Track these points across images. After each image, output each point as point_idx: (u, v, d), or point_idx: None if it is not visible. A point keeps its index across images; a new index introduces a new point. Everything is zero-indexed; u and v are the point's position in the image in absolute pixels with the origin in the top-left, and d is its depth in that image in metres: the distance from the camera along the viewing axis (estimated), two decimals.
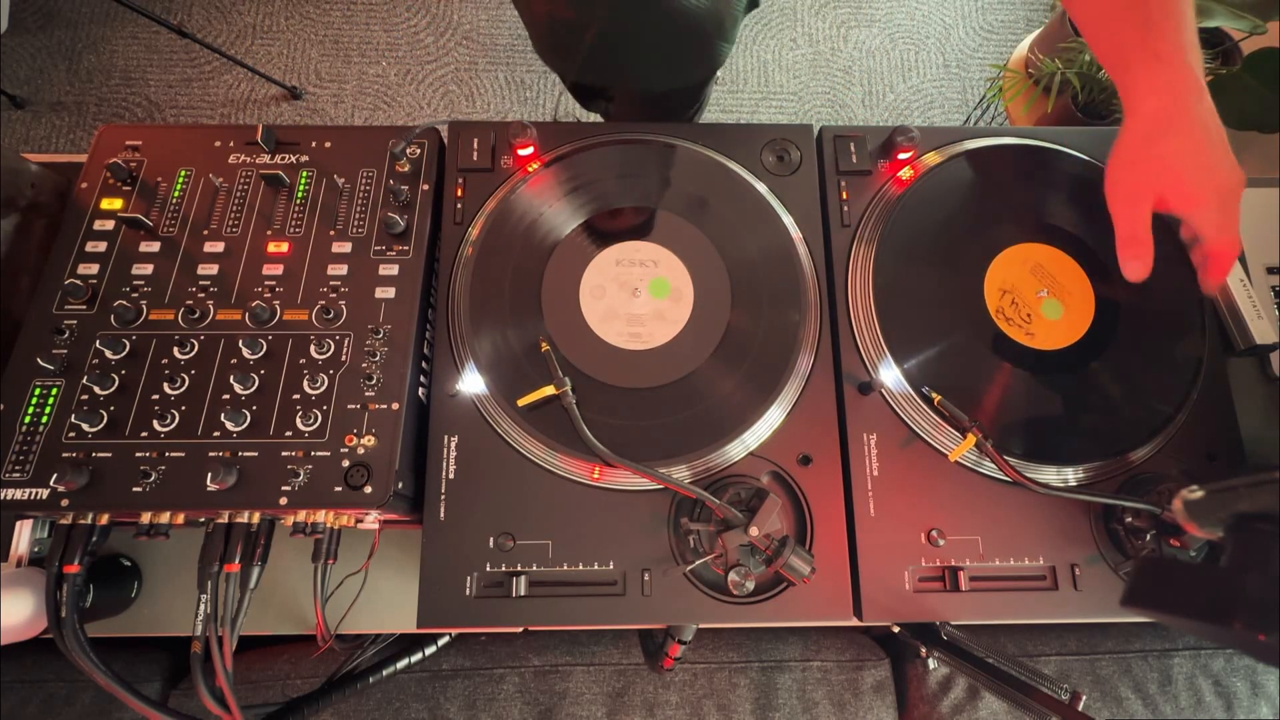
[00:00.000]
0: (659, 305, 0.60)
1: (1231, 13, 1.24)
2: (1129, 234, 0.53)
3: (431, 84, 1.95)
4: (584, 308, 0.60)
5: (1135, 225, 0.52)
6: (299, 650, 0.75)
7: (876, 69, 2.01)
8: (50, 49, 1.93)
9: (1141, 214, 0.52)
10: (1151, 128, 0.50)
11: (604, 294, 0.60)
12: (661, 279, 0.60)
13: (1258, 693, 0.76)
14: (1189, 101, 0.48)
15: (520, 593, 0.52)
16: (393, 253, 0.59)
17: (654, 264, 0.61)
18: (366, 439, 0.53)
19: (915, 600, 0.55)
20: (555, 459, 0.56)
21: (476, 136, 0.65)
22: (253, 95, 1.91)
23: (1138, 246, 0.52)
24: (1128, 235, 0.53)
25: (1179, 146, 0.49)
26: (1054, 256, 0.63)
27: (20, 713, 0.68)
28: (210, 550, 0.51)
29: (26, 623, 0.52)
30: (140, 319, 0.56)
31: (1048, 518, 0.57)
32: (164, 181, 0.61)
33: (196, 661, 0.50)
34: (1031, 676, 0.51)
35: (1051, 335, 0.61)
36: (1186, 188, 0.50)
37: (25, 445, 0.51)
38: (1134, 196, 0.52)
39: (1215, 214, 0.50)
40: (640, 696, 0.74)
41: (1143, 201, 0.52)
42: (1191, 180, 0.49)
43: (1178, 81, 0.48)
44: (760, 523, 0.49)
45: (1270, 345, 0.66)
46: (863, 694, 0.76)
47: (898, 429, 0.58)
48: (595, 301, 0.60)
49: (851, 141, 0.66)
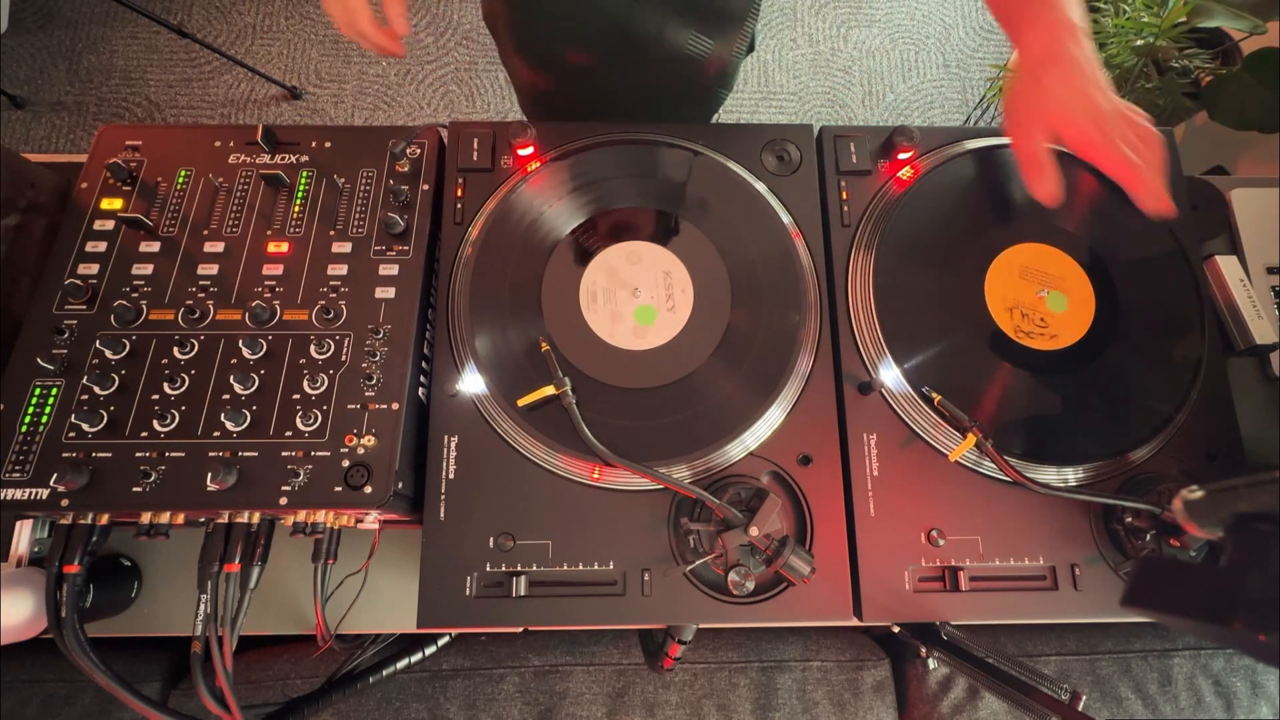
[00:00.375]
0: (659, 305, 0.60)
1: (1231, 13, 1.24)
2: (1028, 157, 0.58)
3: (431, 84, 1.95)
4: (584, 307, 0.60)
5: (1032, 149, 0.58)
6: (299, 650, 0.75)
7: (876, 69, 2.01)
8: (50, 49, 1.93)
9: (1035, 138, 0.57)
10: (1035, 64, 0.57)
11: (604, 294, 0.60)
12: (649, 307, 0.60)
13: (1258, 693, 0.76)
14: (1066, 42, 0.56)
15: (520, 593, 0.52)
16: (393, 253, 0.59)
17: (653, 266, 0.61)
18: (366, 439, 0.53)
19: (915, 600, 0.55)
20: (555, 459, 0.56)
21: (476, 136, 0.65)
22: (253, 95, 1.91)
23: (1039, 167, 0.57)
24: (1027, 158, 0.58)
25: (1058, 78, 0.56)
26: (1054, 256, 0.63)
27: (20, 713, 0.68)
28: (210, 550, 0.51)
29: (26, 623, 0.52)
30: (140, 319, 0.56)
31: (1048, 518, 0.57)
32: (164, 181, 0.61)
33: (196, 661, 0.50)
34: (1031, 676, 0.51)
35: (1069, 326, 0.61)
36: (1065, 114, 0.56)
37: (25, 445, 0.51)
38: (1026, 123, 0.58)
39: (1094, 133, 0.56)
40: (640, 696, 0.74)
41: (1034, 127, 0.57)
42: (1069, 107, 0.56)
43: (1057, 24, 0.56)
44: (760, 523, 0.49)
45: (1270, 345, 0.66)
46: (863, 694, 0.76)
47: (898, 429, 0.58)
48: (595, 301, 0.60)
49: (851, 141, 0.66)
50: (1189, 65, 1.43)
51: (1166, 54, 1.45)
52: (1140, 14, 1.46)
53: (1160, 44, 1.42)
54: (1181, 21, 1.35)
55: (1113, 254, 0.64)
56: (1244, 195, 0.75)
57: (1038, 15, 0.57)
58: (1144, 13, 1.45)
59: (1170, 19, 1.37)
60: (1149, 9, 1.45)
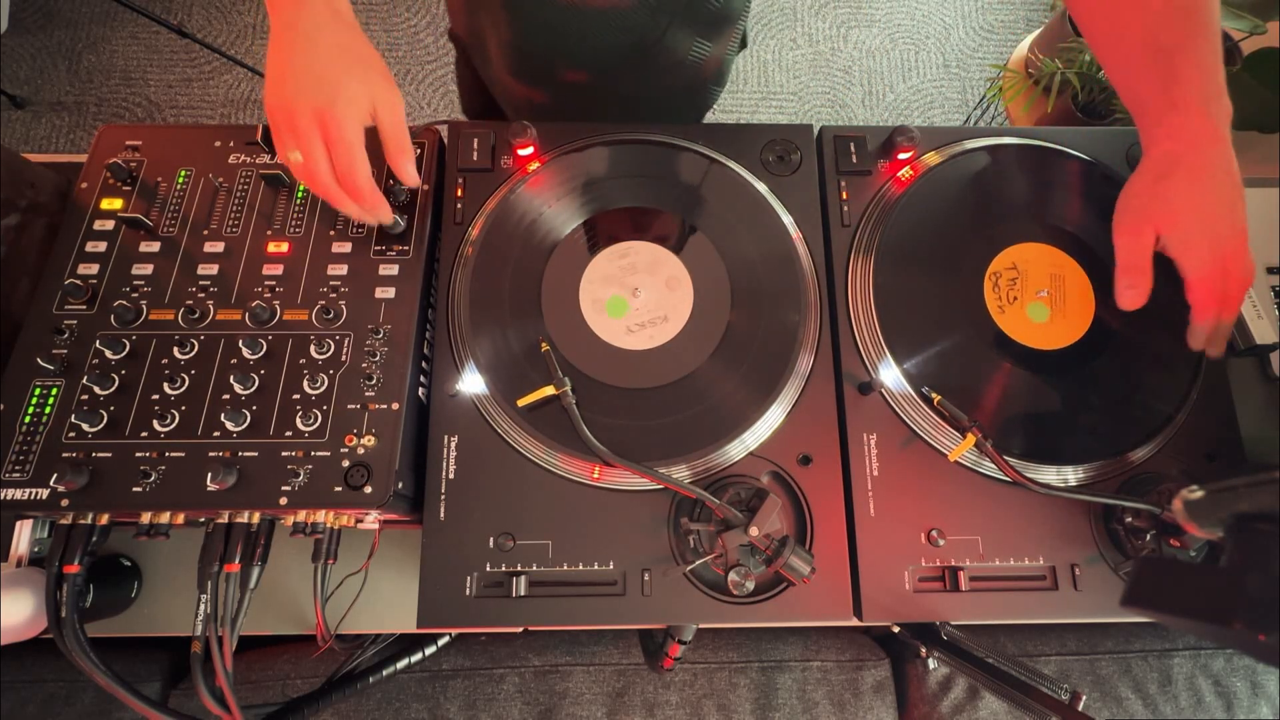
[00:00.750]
0: (659, 305, 0.60)
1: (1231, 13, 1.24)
2: (1128, 263, 0.55)
3: (431, 84, 1.95)
4: (584, 308, 0.60)
5: (1134, 255, 0.54)
6: (299, 650, 0.75)
7: (876, 69, 2.01)
8: (50, 49, 1.93)
9: (1141, 245, 0.54)
10: (1161, 169, 0.53)
11: (604, 294, 0.60)
12: (649, 307, 0.59)
13: (1258, 693, 0.76)
14: (1202, 148, 0.51)
15: (520, 593, 0.52)
16: (393, 253, 0.59)
17: (652, 266, 0.61)
18: (366, 439, 0.53)
19: (915, 600, 0.55)
20: (555, 459, 0.56)
21: (476, 136, 0.65)
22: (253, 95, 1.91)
23: (1135, 275, 0.54)
24: (1126, 264, 0.55)
25: (1182, 188, 0.51)
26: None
27: (20, 713, 0.68)
28: (210, 550, 0.51)
29: (26, 623, 0.52)
30: (140, 319, 0.56)
31: (1048, 518, 0.57)
32: (164, 181, 0.61)
33: (196, 661, 0.50)
34: (1031, 676, 0.51)
35: (1022, 329, 0.60)
36: (1180, 227, 0.52)
37: (25, 445, 0.51)
38: (1135, 228, 0.54)
39: (1203, 255, 0.52)
40: (640, 696, 0.74)
41: (1143, 234, 0.54)
42: (1186, 220, 0.52)
43: (1193, 128, 0.51)
44: (760, 523, 0.49)
45: (1270, 345, 0.66)
46: (863, 694, 0.76)
47: (898, 429, 0.58)
48: (595, 301, 0.60)
49: (851, 141, 0.66)
50: None
51: None
52: None
53: None
54: None
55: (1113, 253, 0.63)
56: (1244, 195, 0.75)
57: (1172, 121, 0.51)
58: None
59: None
60: None
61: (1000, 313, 0.61)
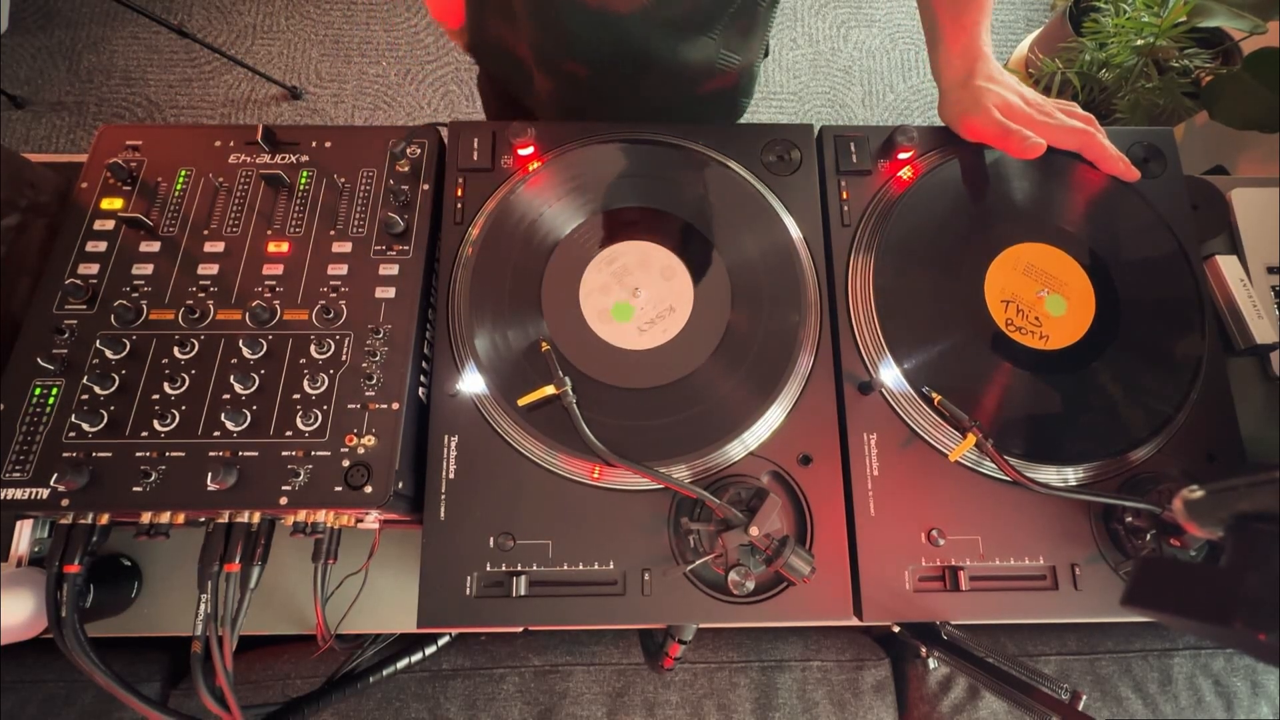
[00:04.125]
0: (662, 297, 0.60)
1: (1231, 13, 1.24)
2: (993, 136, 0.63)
3: (431, 84, 1.95)
4: (584, 308, 0.60)
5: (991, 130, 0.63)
6: (299, 650, 0.75)
7: (876, 69, 2.01)
8: (50, 49, 1.93)
9: (989, 120, 0.64)
10: (961, 79, 0.67)
11: (604, 294, 0.60)
12: (649, 307, 0.60)
13: (1258, 693, 0.76)
14: (985, 63, 0.66)
15: (520, 593, 0.52)
16: (393, 253, 0.59)
17: (653, 266, 0.61)
18: (366, 439, 0.53)
19: (915, 600, 0.55)
20: (555, 459, 0.56)
21: (476, 136, 0.65)
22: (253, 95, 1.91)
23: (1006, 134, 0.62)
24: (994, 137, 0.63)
25: (984, 83, 0.65)
26: (1053, 255, 0.63)
27: (20, 713, 0.68)
28: (210, 550, 0.51)
29: (26, 623, 0.52)
30: (140, 319, 0.56)
31: (1048, 518, 0.57)
32: (164, 181, 0.61)
33: (196, 661, 0.50)
34: (1031, 676, 0.51)
35: (1063, 331, 0.61)
36: (1003, 102, 0.64)
37: (25, 445, 0.51)
38: (976, 117, 0.65)
39: (1034, 113, 0.64)
40: (640, 696, 0.74)
41: (983, 114, 0.64)
42: (1005, 98, 0.64)
43: (974, 51, 0.67)
44: (760, 522, 0.49)
45: (1270, 345, 0.66)
46: (863, 694, 0.76)
47: (898, 429, 0.58)
48: (595, 301, 0.60)
49: (852, 141, 0.66)
50: (1189, 65, 1.43)
51: (1167, 54, 1.45)
52: (1140, 14, 1.46)
53: (1160, 44, 1.42)
54: (1182, 21, 1.35)
55: (1113, 253, 0.64)
56: (1244, 195, 0.75)
57: (955, 40, 0.67)
58: (1144, 12, 1.45)
59: (1170, 19, 1.37)
60: (1149, 9, 1.45)
61: (1045, 340, 0.61)
